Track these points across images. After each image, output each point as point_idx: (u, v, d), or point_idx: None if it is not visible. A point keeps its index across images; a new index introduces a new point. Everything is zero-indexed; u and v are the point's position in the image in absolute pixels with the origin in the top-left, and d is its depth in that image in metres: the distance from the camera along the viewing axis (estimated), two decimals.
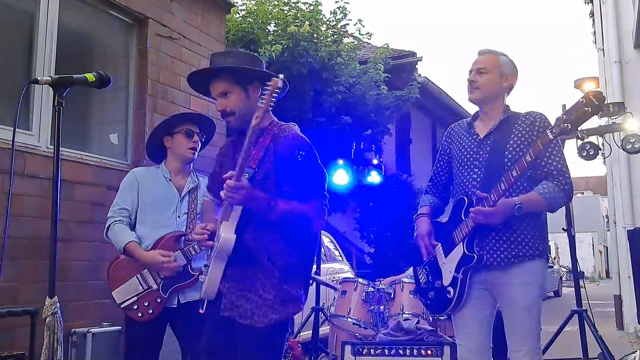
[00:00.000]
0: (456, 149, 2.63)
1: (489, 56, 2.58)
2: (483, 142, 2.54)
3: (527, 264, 2.43)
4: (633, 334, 7.56)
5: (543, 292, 2.50)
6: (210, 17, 5.31)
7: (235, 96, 2.21)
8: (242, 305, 2.13)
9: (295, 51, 7.69)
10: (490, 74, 2.54)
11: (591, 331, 4.12)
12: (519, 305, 2.41)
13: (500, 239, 2.43)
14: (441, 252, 2.57)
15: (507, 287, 2.43)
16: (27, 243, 3.55)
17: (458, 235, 2.48)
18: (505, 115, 2.55)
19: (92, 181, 4.05)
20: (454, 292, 2.46)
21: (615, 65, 7.88)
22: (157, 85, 4.63)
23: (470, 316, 2.50)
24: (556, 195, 2.39)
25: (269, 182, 2.16)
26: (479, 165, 2.51)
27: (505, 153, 2.45)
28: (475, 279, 2.47)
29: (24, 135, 3.71)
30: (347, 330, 4.15)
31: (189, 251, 2.89)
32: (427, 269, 2.65)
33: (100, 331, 3.62)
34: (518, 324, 2.42)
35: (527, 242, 2.44)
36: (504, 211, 2.33)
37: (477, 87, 2.55)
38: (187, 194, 3.02)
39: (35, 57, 3.90)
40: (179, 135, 3.01)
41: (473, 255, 2.41)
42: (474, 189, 2.48)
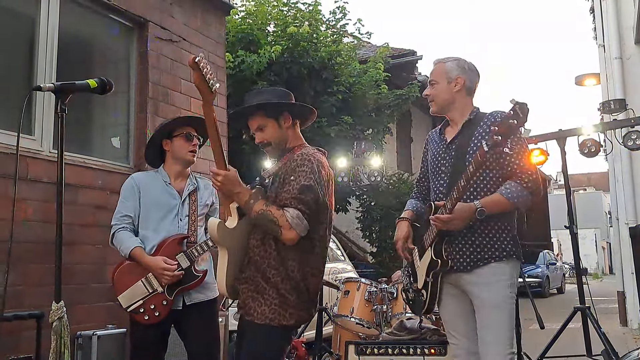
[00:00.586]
0: (430, 155, 2.70)
1: (437, 66, 2.64)
2: (449, 147, 2.59)
3: (492, 265, 2.43)
4: (637, 330, 7.56)
5: (513, 293, 2.48)
6: (210, 19, 5.32)
7: (270, 129, 2.47)
8: (249, 304, 2.36)
9: (295, 51, 7.71)
10: (439, 84, 2.60)
11: (594, 328, 4.13)
12: (487, 304, 2.41)
13: (466, 242, 2.46)
14: (417, 255, 2.61)
15: (474, 287, 2.45)
16: (31, 247, 3.56)
17: (427, 240, 2.53)
18: (469, 117, 2.57)
19: (95, 185, 4.07)
20: (426, 295, 2.53)
21: (616, 62, 7.87)
22: (158, 88, 4.64)
23: (455, 315, 2.57)
24: (520, 194, 2.40)
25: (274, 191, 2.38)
26: (445, 170, 2.56)
27: (467, 156, 2.47)
28: (448, 280, 2.53)
29: (26, 140, 3.73)
30: (351, 329, 4.16)
31: (192, 253, 2.90)
32: (409, 271, 2.70)
33: (106, 333, 3.63)
34: (487, 324, 2.41)
35: (494, 244, 2.45)
36: (463, 216, 2.36)
37: (432, 99, 2.62)
38: (187, 196, 3.03)
39: (36, 62, 3.91)
40: (178, 139, 3.01)
41: (438, 261, 2.45)
42: (441, 193, 2.54)
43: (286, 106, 2.50)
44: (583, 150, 5.47)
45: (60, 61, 4.00)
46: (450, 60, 2.62)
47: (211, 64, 5.19)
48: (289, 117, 2.48)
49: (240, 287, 2.39)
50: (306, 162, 2.35)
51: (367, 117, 8.69)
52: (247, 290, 2.37)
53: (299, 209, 2.26)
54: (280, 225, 2.25)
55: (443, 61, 2.63)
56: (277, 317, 2.30)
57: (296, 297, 2.33)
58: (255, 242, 2.38)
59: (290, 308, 2.32)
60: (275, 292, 2.31)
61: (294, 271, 2.33)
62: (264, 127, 2.47)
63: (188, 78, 4.95)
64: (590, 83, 10.12)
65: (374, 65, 8.75)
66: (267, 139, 2.47)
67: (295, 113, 2.52)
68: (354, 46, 8.91)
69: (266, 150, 2.53)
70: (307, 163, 2.35)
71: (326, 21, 8.77)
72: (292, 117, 2.49)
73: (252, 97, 2.54)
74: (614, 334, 6.32)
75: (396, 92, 9.06)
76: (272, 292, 2.32)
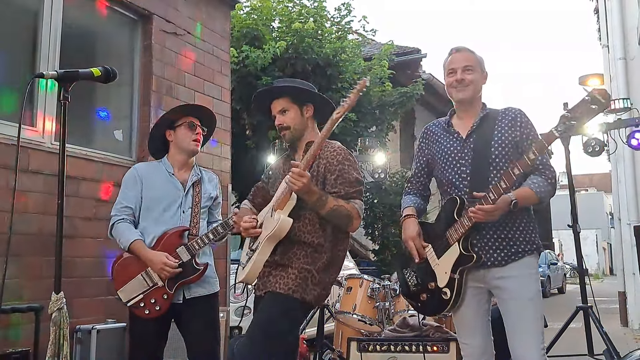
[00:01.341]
0: (437, 149, 2.61)
1: (469, 54, 2.58)
2: (466, 140, 2.53)
3: (525, 259, 2.43)
4: (638, 331, 7.54)
5: (540, 288, 2.51)
6: (215, 13, 5.29)
7: (292, 114, 2.60)
8: (270, 280, 2.46)
9: (299, 48, 7.68)
10: (475, 72, 2.54)
11: (596, 327, 4.11)
12: (522, 296, 2.39)
13: (498, 237, 2.43)
14: (432, 253, 2.52)
15: (506, 281, 2.41)
16: (31, 239, 3.54)
17: (452, 235, 2.44)
18: (484, 112, 2.56)
19: (96, 177, 4.04)
20: (451, 293, 2.43)
21: (620, 62, 7.86)
22: (161, 81, 4.62)
23: (472, 314, 2.50)
24: (545, 189, 2.43)
25: (318, 184, 2.49)
26: (465, 163, 2.50)
27: (492, 150, 2.46)
28: (470, 278, 2.45)
29: (28, 131, 3.71)
30: (353, 326, 4.14)
31: (193, 246, 2.88)
32: (416, 271, 2.60)
33: (105, 328, 3.62)
34: (522, 317, 2.38)
35: (525, 238, 2.45)
36: (503, 208, 2.34)
37: (467, 84, 2.52)
38: (191, 187, 2.99)
39: (39, 53, 3.89)
40: (181, 128, 2.98)
41: (472, 255, 2.39)
42: (464, 188, 2.48)
43: (312, 96, 2.63)
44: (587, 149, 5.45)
45: (63, 53, 3.98)
46: (477, 54, 2.59)
47: (215, 58, 5.19)
48: (311, 109, 2.62)
49: (263, 270, 2.48)
50: (349, 156, 2.55)
51: (371, 114, 8.66)
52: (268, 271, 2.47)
53: (360, 199, 2.50)
54: (352, 218, 2.45)
55: (472, 51, 2.58)
56: (299, 290, 2.39)
57: (322, 275, 2.45)
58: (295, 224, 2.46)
59: (312, 284, 2.42)
60: (297, 269, 2.42)
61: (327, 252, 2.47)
62: (287, 111, 2.59)
63: (192, 72, 4.93)
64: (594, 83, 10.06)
65: (379, 63, 8.72)
66: (287, 122, 2.58)
67: (317, 107, 2.63)
68: (358, 43, 8.88)
69: (283, 134, 2.62)
70: (350, 157, 2.55)
71: (331, 18, 8.74)
72: (314, 109, 2.62)
73: (282, 82, 2.70)
74: (615, 334, 6.29)
75: (400, 90, 9.03)
76: (295, 269, 2.42)
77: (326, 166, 2.51)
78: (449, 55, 2.61)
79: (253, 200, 2.80)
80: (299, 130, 2.60)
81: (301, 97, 2.61)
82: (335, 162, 2.51)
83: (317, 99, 2.65)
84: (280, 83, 2.71)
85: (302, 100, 2.61)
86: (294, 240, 2.47)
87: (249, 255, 2.55)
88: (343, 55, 8.15)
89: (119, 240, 2.88)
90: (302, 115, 2.60)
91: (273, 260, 2.48)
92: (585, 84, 10.24)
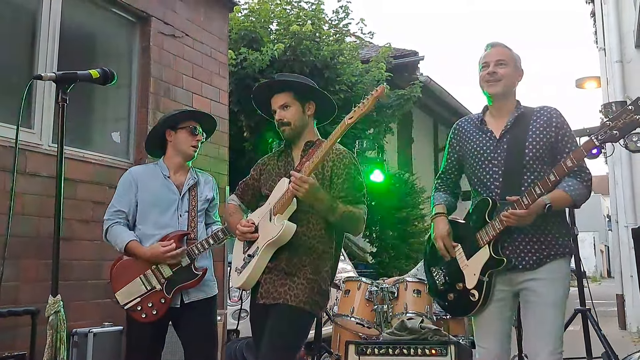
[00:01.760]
0: (469, 147, 2.56)
1: (504, 49, 2.52)
2: (500, 140, 2.48)
3: (555, 262, 2.40)
4: (636, 334, 7.54)
5: (568, 292, 2.46)
6: (214, 15, 5.29)
7: (294, 109, 2.52)
8: (277, 289, 2.39)
9: (297, 50, 7.68)
10: (508, 67, 2.48)
11: (595, 330, 4.10)
12: (547, 301, 2.36)
13: (530, 240, 2.39)
14: (462, 253, 2.50)
15: (533, 283, 2.38)
16: (27, 242, 3.52)
17: (483, 237, 2.42)
18: (519, 111, 2.50)
19: (94, 180, 4.03)
20: (479, 295, 2.41)
21: (617, 65, 7.88)
22: (159, 83, 4.61)
23: (493, 318, 2.46)
24: (581, 192, 2.38)
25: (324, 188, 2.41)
26: (498, 164, 2.46)
27: (526, 151, 2.41)
28: (499, 281, 2.42)
29: (25, 133, 3.69)
30: (351, 329, 4.13)
31: (193, 251, 2.86)
32: (444, 270, 2.58)
33: (102, 331, 3.60)
34: (542, 321, 2.35)
35: (557, 241, 2.41)
36: (536, 212, 2.31)
37: (499, 78, 2.46)
38: (187, 191, 2.97)
39: (37, 54, 3.88)
40: (183, 131, 2.97)
41: (502, 259, 2.37)
42: (496, 188, 2.44)
43: (316, 94, 2.55)
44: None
45: (61, 55, 3.97)
46: (513, 51, 2.54)
47: (213, 60, 5.18)
48: (313, 107, 2.55)
49: (264, 277, 2.43)
50: (354, 160, 2.50)
51: (369, 117, 8.66)
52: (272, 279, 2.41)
53: (365, 203, 2.47)
54: (359, 224, 2.43)
55: (508, 47, 2.53)
56: (309, 302, 2.36)
57: (325, 285, 2.43)
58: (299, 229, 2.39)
59: (318, 295, 2.40)
60: (305, 279, 2.38)
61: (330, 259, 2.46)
62: (288, 107, 2.51)
63: (190, 74, 4.92)
64: (591, 86, 10.13)
65: (376, 65, 8.72)
66: (288, 118, 2.51)
67: (319, 106, 2.57)
68: (356, 46, 8.88)
69: (282, 130, 2.53)
70: (355, 161, 2.51)
71: (329, 20, 8.74)
72: (316, 107, 2.55)
73: (285, 76, 2.61)
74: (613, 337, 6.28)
75: (398, 92, 9.03)
76: (302, 279, 2.37)
77: (332, 169, 2.45)
78: (484, 51, 2.56)
79: (242, 197, 2.72)
80: (299, 127, 2.52)
81: (304, 94, 2.53)
82: (342, 166, 2.45)
83: (320, 97, 2.57)
84: (283, 77, 2.62)
85: (305, 97, 2.53)
86: (299, 246, 2.39)
87: (245, 261, 2.49)
88: (341, 58, 8.15)
89: (115, 242, 2.87)
90: (304, 113, 2.53)
91: (278, 267, 2.41)
92: (582, 86, 10.29)
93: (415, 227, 10.37)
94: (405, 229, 10.05)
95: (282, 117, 2.51)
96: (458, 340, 3.62)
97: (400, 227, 9.97)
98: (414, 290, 3.99)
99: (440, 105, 13.23)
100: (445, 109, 13.56)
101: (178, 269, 2.83)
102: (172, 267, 2.83)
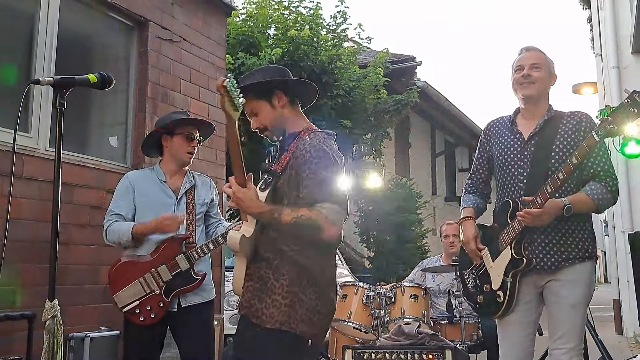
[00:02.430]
0: (498, 148, 2.57)
1: (539, 53, 2.54)
2: (527, 142, 2.49)
3: (577, 266, 2.41)
4: (632, 339, 7.55)
5: (590, 294, 2.47)
6: (211, 20, 5.30)
7: (263, 112, 2.22)
8: (255, 304, 2.08)
9: (295, 55, 7.70)
10: (542, 70, 2.50)
11: (592, 335, 4.11)
12: (564, 302, 2.39)
13: (550, 242, 2.40)
14: (488, 255, 2.53)
15: (554, 284, 2.41)
16: (24, 246, 3.52)
17: (505, 238, 2.45)
18: (550, 114, 2.51)
19: (91, 184, 4.02)
20: (504, 296, 2.43)
21: (614, 71, 7.92)
22: (157, 88, 4.61)
23: (517, 321, 2.48)
24: (604, 196, 2.38)
25: (290, 187, 2.12)
26: (524, 165, 2.47)
27: (552, 154, 2.42)
28: (524, 282, 2.44)
29: (22, 137, 3.68)
30: (348, 334, 4.13)
31: (192, 255, 2.86)
32: (475, 272, 2.61)
33: (99, 336, 3.58)
34: (562, 322, 2.39)
35: (577, 244, 2.41)
36: (552, 212, 2.31)
37: (534, 81, 2.47)
38: (184, 195, 2.97)
39: (34, 59, 3.88)
40: (179, 137, 2.97)
41: (522, 259, 2.39)
42: (519, 190, 2.45)
43: (277, 83, 2.22)
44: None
45: (59, 60, 3.97)
46: (547, 55, 2.55)
47: (211, 65, 5.19)
48: (282, 96, 2.21)
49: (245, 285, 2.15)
50: (320, 152, 2.09)
51: (366, 122, 8.68)
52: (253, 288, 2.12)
53: (333, 201, 2.04)
54: (321, 226, 2.01)
55: (542, 52, 2.55)
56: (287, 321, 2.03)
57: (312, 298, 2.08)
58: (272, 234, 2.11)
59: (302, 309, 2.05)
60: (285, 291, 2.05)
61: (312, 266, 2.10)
62: (258, 111, 2.22)
63: (188, 78, 4.92)
64: (588, 92, 10.15)
65: (374, 70, 8.74)
66: (262, 123, 2.23)
67: (289, 90, 2.24)
68: (354, 51, 8.90)
69: (265, 136, 2.27)
70: (321, 152, 2.09)
71: (327, 25, 8.76)
72: (286, 95, 2.22)
73: (243, 80, 2.29)
74: (610, 343, 6.30)
75: (395, 97, 9.06)
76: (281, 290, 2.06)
77: (295, 166, 2.10)
78: (518, 55, 2.58)
79: None
80: (278, 125, 2.22)
81: (264, 90, 2.21)
82: (301, 161, 2.08)
83: (283, 83, 2.24)
84: (242, 81, 2.27)
85: (267, 93, 2.21)
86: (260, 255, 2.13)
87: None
88: (338, 63, 8.17)
89: (119, 237, 2.84)
90: (274, 108, 2.21)
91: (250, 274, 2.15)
92: (579, 92, 10.32)
93: (412, 231, 10.39)
94: (402, 233, 10.07)
95: (257, 125, 2.25)
96: (455, 346, 3.62)
97: (397, 231, 9.98)
98: (411, 295, 3.99)
99: (438, 110, 13.27)
100: (443, 114, 13.61)
101: (177, 273, 2.83)
102: (171, 271, 2.83)
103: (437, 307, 4.38)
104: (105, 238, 2.93)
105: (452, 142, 15.90)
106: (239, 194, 2.06)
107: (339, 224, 2.07)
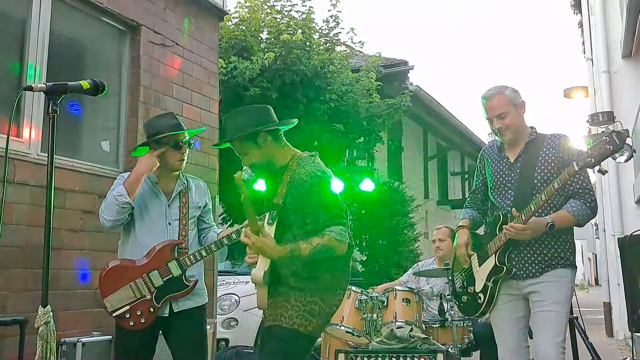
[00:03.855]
0: (490, 172, 2.87)
1: (498, 97, 2.74)
2: (513, 166, 2.77)
3: (559, 270, 2.66)
4: (622, 341, 7.60)
5: (571, 296, 2.74)
6: (204, 24, 5.30)
7: (250, 152, 2.43)
8: (277, 311, 2.36)
9: (287, 59, 7.70)
10: (510, 114, 2.73)
11: (582, 338, 4.13)
12: (549, 300, 2.61)
13: (534, 253, 2.67)
14: (476, 261, 2.84)
15: (538, 286, 2.65)
16: (16, 251, 3.50)
17: (491, 247, 2.75)
18: (531, 137, 2.77)
19: (83, 189, 4.01)
20: (484, 298, 2.75)
21: (604, 75, 7.98)
22: (149, 92, 4.61)
23: (505, 318, 2.75)
24: (584, 212, 2.65)
25: (296, 216, 2.36)
26: (511, 187, 2.76)
27: (535, 175, 2.69)
28: (505, 286, 2.72)
29: (14, 142, 3.66)
30: (340, 338, 4.13)
31: (185, 261, 2.86)
32: (464, 275, 2.93)
33: (91, 341, 3.58)
34: (546, 318, 2.60)
35: (559, 253, 2.68)
36: (536, 228, 2.59)
37: (506, 129, 2.73)
38: (177, 198, 2.96)
39: (26, 64, 3.87)
40: (167, 148, 2.92)
41: (503, 267, 2.68)
42: (507, 207, 2.72)
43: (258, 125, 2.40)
44: None
45: (50, 64, 3.96)
46: (506, 89, 2.77)
47: (204, 69, 5.20)
48: (266, 136, 2.42)
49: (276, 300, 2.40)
50: (317, 179, 2.33)
51: (359, 126, 8.70)
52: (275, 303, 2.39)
53: (337, 223, 2.30)
54: (334, 248, 2.28)
55: (500, 91, 2.76)
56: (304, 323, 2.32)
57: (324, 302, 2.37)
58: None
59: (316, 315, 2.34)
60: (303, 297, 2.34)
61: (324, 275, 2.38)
62: (246, 152, 2.43)
63: (180, 83, 4.93)
64: (579, 96, 10.23)
65: (366, 74, 8.77)
66: (252, 161, 2.43)
67: (269, 126, 2.44)
68: (346, 55, 8.93)
69: (261, 174, 2.52)
70: (318, 179, 2.33)
71: (319, 30, 8.78)
72: (269, 134, 2.42)
73: (228, 121, 2.49)
74: (600, 345, 6.33)
75: (388, 102, 9.09)
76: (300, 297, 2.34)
77: (295, 196, 2.33)
78: (481, 104, 2.80)
79: None
80: (268, 161, 2.44)
81: (248, 136, 2.40)
82: (302, 191, 2.32)
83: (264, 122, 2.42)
84: (227, 123, 2.50)
85: (250, 136, 2.40)
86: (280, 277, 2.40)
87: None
88: (331, 67, 8.19)
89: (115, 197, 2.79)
90: (261, 147, 2.41)
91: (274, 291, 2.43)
92: (569, 96, 10.40)
93: (405, 235, 10.40)
94: (394, 237, 10.08)
95: (247, 163, 2.43)
96: (447, 349, 3.64)
97: (390, 235, 9.99)
98: (404, 299, 4.01)
99: (430, 114, 13.31)
100: (435, 118, 13.65)
101: (169, 279, 2.83)
102: (162, 277, 2.83)
103: (430, 310, 4.41)
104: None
105: (444, 146, 15.96)
106: (259, 243, 2.25)
107: (346, 240, 2.32)
